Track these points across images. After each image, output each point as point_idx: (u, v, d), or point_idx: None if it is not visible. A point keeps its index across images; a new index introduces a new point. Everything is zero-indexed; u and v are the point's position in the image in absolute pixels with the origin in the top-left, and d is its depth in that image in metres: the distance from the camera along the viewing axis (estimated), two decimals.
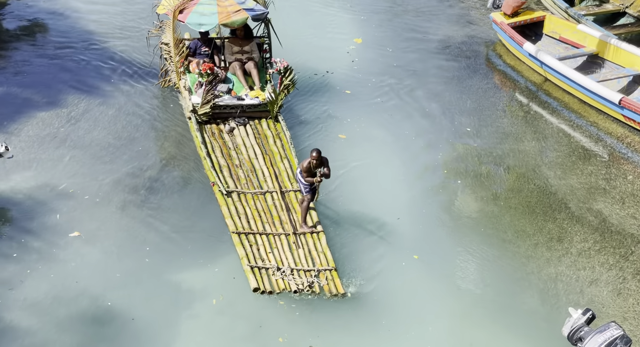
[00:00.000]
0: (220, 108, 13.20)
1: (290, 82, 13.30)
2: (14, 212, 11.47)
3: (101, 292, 10.27)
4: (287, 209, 11.57)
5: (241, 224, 11.25)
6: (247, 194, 11.82)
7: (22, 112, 13.62)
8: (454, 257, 11.34)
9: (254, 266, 10.59)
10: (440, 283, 10.89)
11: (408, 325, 10.22)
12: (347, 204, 12.18)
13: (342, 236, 11.52)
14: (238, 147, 12.79)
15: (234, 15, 13.15)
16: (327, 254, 10.91)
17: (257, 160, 12.52)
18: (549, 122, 14.82)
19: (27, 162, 12.46)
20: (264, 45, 14.25)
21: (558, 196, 12.66)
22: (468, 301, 10.64)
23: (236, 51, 13.83)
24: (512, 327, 10.28)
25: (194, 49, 13.83)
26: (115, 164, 12.65)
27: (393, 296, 10.65)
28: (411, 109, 14.93)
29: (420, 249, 11.48)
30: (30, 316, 9.87)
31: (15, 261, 10.63)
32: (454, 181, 12.94)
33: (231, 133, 13.06)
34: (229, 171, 12.23)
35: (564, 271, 11.18)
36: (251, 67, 13.70)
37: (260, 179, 12.14)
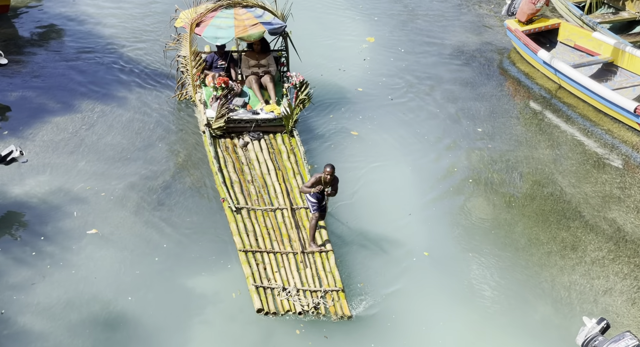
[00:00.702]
0: (235, 122, 13.05)
1: (306, 97, 13.17)
2: (28, 216, 11.55)
3: (113, 297, 10.31)
4: (296, 226, 11.38)
5: (249, 242, 11.08)
6: (257, 210, 11.64)
7: (37, 117, 13.73)
8: (466, 266, 11.28)
9: (259, 286, 10.39)
10: (452, 292, 10.83)
11: (418, 338, 10.16)
12: (358, 214, 12.09)
13: (352, 252, 11.34)
14: (251, 162, 12.61)
15: (251, 29, 13.07)
16: (335, 274, 10.68)
17: (269, 176, 12.34)
18: (563, 129, 14.73)
19: (42, 166, 12.55)
20: (281, 59, 14.13)
21: (572, 204, 12.57)
22: (480, 310, 10.56)
23: (252, 65, 13.72)
24: (525, 336, 10.20)
25: (210, 62, 13.76)
26: (129, 168, 12.72)
27: (404, 313, 10.51)
28: (424, 113, 14.91)
29: (431, 254, 11.44)
30: (42, 320, 9.92)
31: (28, 265, 10.69)
32: (467, 188, 12.88)
33: (245, 148, 12.87)
34: (240, 187, 12.07)
35: (578, 279, 11.09)
36: (267, 81, 13.56)
37: (271, 195, 11.96)
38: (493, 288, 10.88)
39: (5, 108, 14.02)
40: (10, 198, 11.83)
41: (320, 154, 13.30)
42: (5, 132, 13.28)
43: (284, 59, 14.11)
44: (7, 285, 10.34)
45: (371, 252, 11.39)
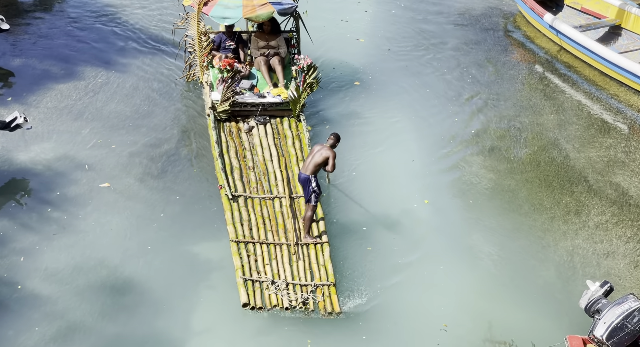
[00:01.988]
0: (241, 106, 12.65)
1: (313, 81, 12.71)
2: (34, 183, 11.61)
3: (120, 262, 10.42)
4: (294, 216, 11.02)
5: (242, 232, 10.74)
6: (255, 198, 11.29)
7: (40, 84, 13.70)
8: (470, 232, 11.32)
9: (247, 279, 10.07)
10: (455, 258, 10.88)
11: (424, 308, 10.22)
12: (358, 189, 12.02)
13: (349, 241, 11.12)
14: (254, 148, 12.23)
15: (260, 9, 12.61)
16: (329, 267, 10.34)
17: (271, 162, 11.95)
18: (568, 94, 14.65)
19: (46, 133, 12.57)
20: (292, 40, 13.67)
21: (576, 169, 12.56)
22: (484, 276, 10.63)
23: (262, 46, 13.27)
24: (528, 300, 10.28)
25: (218, 42, 13.31)
26: (133, 136, 12.73)
27: (406, 283, 10.56)
28: (427, 79, 14.86)
29: (433, 221, 11.51)
30: (51, 285, 10.04)
31: (35, 231, 10.78)
32: (470, 154, 12.87)
33: (250, 132, 12.49)
34: (240, 173, 11.72)
35: (581, 244, 11.14)
36: (276, 63, 13.09)
37: (271, 183, 11.60)
38: (496, 254, 10.94)
39: (8, 74, 13.98)
40: (16, 165, 11.88)
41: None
42: (9, 99, 13.28)
43: (294, 40, 13.65)
44: (15, 250, 10.45)
45: (372, 222, 11.44)
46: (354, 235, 11.12)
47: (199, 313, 9.85)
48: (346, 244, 10.95)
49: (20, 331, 9.40)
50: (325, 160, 10.52)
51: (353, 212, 11.56)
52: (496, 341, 9.73)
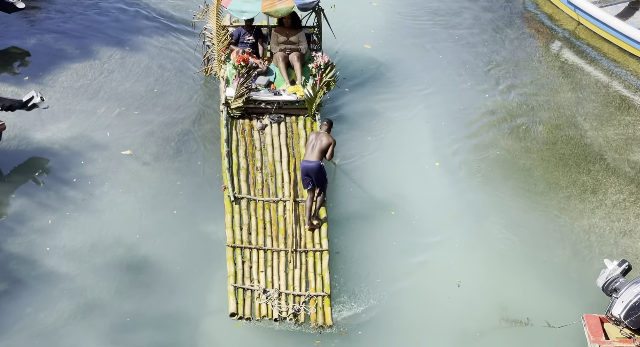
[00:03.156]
0: (255, 103, 12.26)
1: (330, 79, 12.25)
2: (51, 162, 11.70)
3: (136, 241, 10.51)
4: (296, 221, 10.63)
5: (240, 237, 10.38)
6: (258, 201, 10.92)
7: (56, 63, 13.74)
8: (485, 212, 11.29)
9: (238, 287, 9.76)
10: (470, 238, 10.87)
11: (437, 285, 10.26)
12: (367, 171, 11.98)
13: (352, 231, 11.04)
14: (265, 147, 11.82)
15: (279, 4, 12.28)
16: (325, 277, 9.98)
17: (280, 163, 11.55)
18: (586, 72, 14.46)
19: (62, 113, 12.64)
20: (313, 36, 13.31)
21: (593, 148, 12.45)
22: (499, 255, 10.61)
23: (282, 41, 12.86)
24: (544, 280, 10.26)
25: (236, 36, 12.93)
26: (148, 116, 12.76)
27: (423, 263, 10.61)
28: (442, 59, 14.71)
29: (447, 200, 11.48)
30: (69, 263, 10.17)
31: (52, 210, 10.89)
32: (486, 134, 12.78)
33: (262, 131, 12.06)
34: (247, 174, 11.34)
35: (598, 222, 11.07)
36: (294, 59, 12.67)
37: (278, 185, 11.22)
38: (511, 233, 10.91)
39: (24, 53, 14.04)
40: (33, 144, 11.97)
41: (345, 140, 12.49)
42: (26, 78, 13.34)
43: (316, 36, 13.29)
44: (33, 229, 10.57)
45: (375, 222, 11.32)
46: (361, 217, 11.16)
47: (214, 292, 9.93)
48: (353, 225, 10.97)
49: (39, 308, 9.55)
50: (327, 146, 10.48)
51: (361, 195, 11.58)
52: (512, 320, 9.75)
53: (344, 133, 12.54)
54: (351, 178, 11.84)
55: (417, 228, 10.98)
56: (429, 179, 11.86)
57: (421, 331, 9.63)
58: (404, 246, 10.69)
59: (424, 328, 9.67)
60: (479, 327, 9.65)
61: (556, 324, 9.57)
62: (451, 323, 9.69)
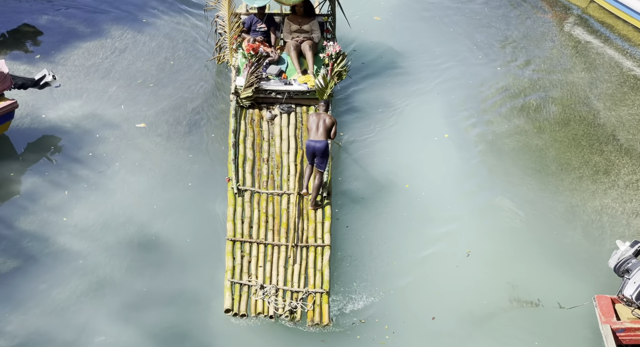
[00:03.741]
0: (265, 93, 12.01)
1: (342, 69, 12.03)
2: (63, 141, 11.75)
3: (147, 220, 10.58)
4: (299, 215, 10.45)
5: (241, 231, 10.23)
6: (262, 194, 10.74)
7: (68, 42, 13.73)
8: (496, 191, 11.26)
9: (235, 282, 9.63)
10: (480, 218, 10.85)
11: (447, 266, 10.25)
12: (375, 151, 11.95)
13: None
14: (273, 138, 11.58)
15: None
16: (325, 273, 9.81)
17: (287, 155, 11.31)
18: (600, 51, 14.30)
19: (74, 91, 12.65)
20: (326, 25, 12.98)
21: (606, 128, 12.35)
22: (509, 236, 10.60)
23: (294, 30, 12.58)
24: (555, 260, 10.25)
25: (248, 24, 12.65)
26: (159, 95, 12.76)
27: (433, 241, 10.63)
28: (454, 38, 14.56)
29: (458, 180, 11.44)
30: (80, 241, 10.25)
31: (64, 188, 10.96)
32: (497, 114, 12.70)
33: (272, 121, 11.80)
34: (252, 166, 11.14)
35: (610, 203, 11.01)
36: (306, 48, 12.34)
37: (283, 177, 10.99)
38: (522, 214, 10.89)
39: (36, 32, 14.04)
40: (45, 123, 12.02)
41: (353, 128, 12.36)
42: (37, 57, 13.36)
43: (329, 24, 12.99)
44: (45, 207, 10.66)
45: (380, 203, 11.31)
46: (372, 192, 11.20)
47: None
48: (361, 208, 10.98)
49: (52, 285, 9.66)
50: (331, 126, 10.52)
51: (373, 169, 11.62)
52: (522, 300, 9.77)
53: (356, 109, 12.59)
54: (363, 152, 11.88)
55: (427, 206, 10.99)
56: (441, 153, 11.85)
57: (431, 313, 9.66)
58: (413, 222, 10.72)
59: (433, 309, 9.69)
60: (489, 309, 9.69)
61: (567, 305, 9.58)
62: (461, 304, 9.72)
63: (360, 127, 12.33)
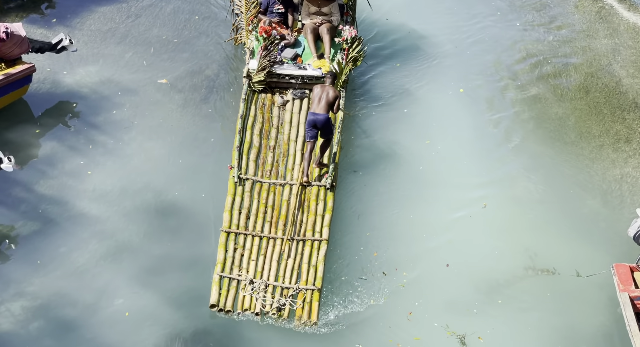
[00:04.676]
0: (279, 77, 11.62)
1: (357, 55, 11.62)
2: (80, 106, 11.76)
3: (164, 186, 10.62)
4: (299, 206, 10.13)
5: (237, 222, 9.96)
6: (264, 183, 10.44)
7: (84, 6, 13.65)
8: (513, 160, 11.18)
9: (224, 276, 9.40)
10: (497, 187, 10.78)
11: (464, 233, 10.22)
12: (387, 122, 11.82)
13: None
14: (282, 125, 11.22)
15: None
16: (319, 269, 9.51)
17: (295, 142, 10.99)
18: (624, 17, 13.98)
19: (91, 56, 12.62)
20: (346, 7, 12.50)
21: (629, 96, 12.15)
22: (526, 204, 10.54)
23: (313, 12, 12.11)
24: (573, 229, 10.20)
25: (265, 5, 12.25)
26: (175, 62, 12.69)
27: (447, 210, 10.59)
28: (475, 4, 14.33)
29: (477, 154, 11.35)
30: (99, 205, 10.33)
31: (82, 154, 11.01)
32: (516, 82, 12.53)
33: (283, 107, 11.46)
34: (257, 153, 10.80)
35: (630, 172, 10.89)
36: (324, 32, 11.88)
37: (288, 166, 10.68)
38: (539, 182, 10.81)
39: None
40: (63, 87, 12.02)
41: (369, 118, 11.98)
42: (54, 20, 13.30)
43: (348, 7, 12.49)
44: (64, 171, 10.73)
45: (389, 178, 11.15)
46: (385, 156, 11.17)
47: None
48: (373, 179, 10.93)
49: (72, 248, 9.77)
50: (334, 99, 10.37)
51: (388, 133, 11.59)
52: (538, 268, 9.76)
53: (377, 76, 12.50)
54: (380, 118, 11.81)
55: (446, 173, 10.94)
56: (457, 118, 11.76)
57: (447, 280, 9.68)
58: (431, 189, 10.69)
59: (449, 277, 9.71)
60: (506, 276, 9.69)
61: (585, 274, 9.56)
62: (477, 272, 9.72)
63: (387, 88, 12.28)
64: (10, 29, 10.95)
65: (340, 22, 12.23)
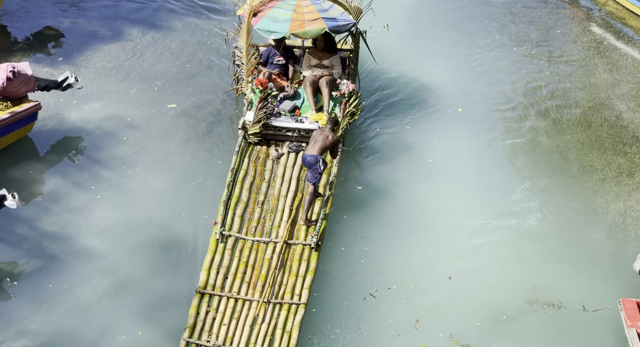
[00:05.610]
0: (275, 129, 11.41)
1: (354, 110, 11.49)
2: (85, 142, 11.83)
3: (167, 221, 10.61)
4: (280, 266, 9.77)
5: (214, 282, 9.62)
6: (247, 241, 10.09)
7: (89, 44, 13.85)
8: (517, 192, 11.17)
9: (191, 342, 9.01)
10: (501, 219, 10.76)
11: (470, 267, 10.17)
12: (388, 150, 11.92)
13: None
14: (274, 179, 10.94)
15: (309, 25, 11.34)
16: (293, 335, 9.14)
17: (285, 198, 10.64)
18: (623, 52, 14.15)
19: (96, 93, 12.75)
20: (348, 60, 12.36)
21: (630, 130, 12.21)
22: (531, 237, 10.51)
23: (314, 64, 12.02)
24: (578, 263, 10.15)
25: (266, 57, 12.14)
26: (178, 97, 12.81)
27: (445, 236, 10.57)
28: (474, 40, 14.49)
29: (480, 178, 11.36)
30: (102, 241, 10.31)
31: (86, 189, 11.03)
32: (518, 115, 12.61)
33: (277, 160, 11.18)
34: (245, 209, 10.49)
35: (634, 205, 10.88)
36: (323, 84, 11.65)
37: (274, 223, 10.33)
38: (543, 215, 10.79)
39: (58, 34, 14.16)
40: (68, 124, 12.11)
41: (364, 172, 11.67)
42: (60, 59, 13.47)
43: (349, 60, 12.33)
44: (68, 207, 10.73)
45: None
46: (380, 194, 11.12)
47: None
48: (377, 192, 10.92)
49: (74, 284, 9.73)
50: (332, 145, 10.30)
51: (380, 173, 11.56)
52: (543, 302, 9.68)
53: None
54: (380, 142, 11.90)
55: (445, 207, 10.93)
56: (460, 143, 11.81)
57: (450, 313, 9.58)
58: (430, 222, 10.66)
59: (452, 310, 9.62)
60: (511, 310, 9.61)
61: (591, 308, 9.47)
62: (483, 305, 9.63)
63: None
64: (17, 69, 11.09)
65: (342, 75, 12.10)
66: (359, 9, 11.94)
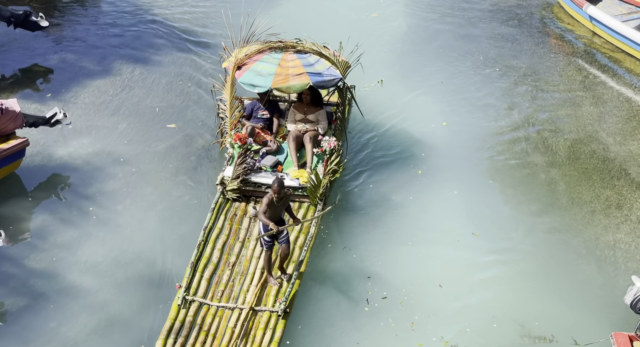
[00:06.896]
0: (254, 185, 11.08)
1: (335, 167, 11.13)
2: (73, 178, 11.77)
3: (157, 257, 10.50)
4: (244, 334, 9.18)
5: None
6: (212, 307, 9.53)
7: (78, 80, 13.89)
8: (505, 225, 11.17)
9: None
10: (491, 253, 10.72)
11: (454, 305, 10.09)
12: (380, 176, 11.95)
13: None
14: (249, 239, 10.49)
15: (293, 79, 11.04)
16: None
17: (258, 259, 10.23)
18: (608, 86, 14.34)
19: (85, 129, 12.74)
20: (335, 115, 11.98)
21: (617, 163, 12.31)
22: (520, 271, 10.46)
23: (299, 119, 11.74)
24: (569, 296, 10.09)
25: (250, 110, 11.94)
26: (168, 131, 12.82)
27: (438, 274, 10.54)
28: (461, 74, 14.66)
29: (469, 213, 11.36)
30: (90, 277, 10.18)
31: (74, 225, 10.94)
32: (506, 148, 12.69)
33: (255, 218, 10.80)
34: (213, 271, 10.04)
35: (623, 238, 10.91)
36: (307, 140, 11.36)
37: (243, 288, 9.82)
38: (533, 248, 10.77)
39: (47, 71, 14.21)
40: (56, 160, 12.06)
41: (347, 230, 11.16)
42: (49, 95, 13.48)
43: (335, 116, 11.93)
44: (56, 244, 10.62)
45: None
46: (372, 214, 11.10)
47: None
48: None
49: (61, 323, 9.56)
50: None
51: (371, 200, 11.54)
52: (535, 336, 9.59)
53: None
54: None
55: (434, 239, 10.92)
56: (446, 187, 11.78)
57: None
58: (414, 251, 10.64)
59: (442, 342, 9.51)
60: (500, 345, 9.46)
61: (583, 342, 9.41)
62: (471, 340, 9.52)
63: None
64: (5, 105, 11.07)
65: (328, 131, 11.80)
66: (347, 64, 11.60)
